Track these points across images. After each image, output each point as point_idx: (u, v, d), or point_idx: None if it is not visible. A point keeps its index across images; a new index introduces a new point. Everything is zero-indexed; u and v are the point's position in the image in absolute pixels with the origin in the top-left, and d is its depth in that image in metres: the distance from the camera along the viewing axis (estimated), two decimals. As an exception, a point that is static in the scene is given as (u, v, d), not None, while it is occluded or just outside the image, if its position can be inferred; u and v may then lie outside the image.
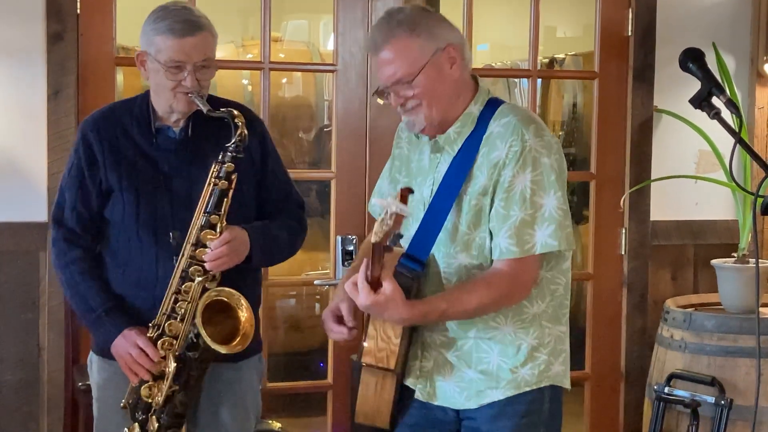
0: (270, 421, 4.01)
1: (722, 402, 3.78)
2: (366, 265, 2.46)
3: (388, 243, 2.37)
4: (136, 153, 2.90)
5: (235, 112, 2.83)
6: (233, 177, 2.82)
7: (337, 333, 2.68)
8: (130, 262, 2.89)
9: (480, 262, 2.62)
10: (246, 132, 2.82)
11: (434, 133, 2.67)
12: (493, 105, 2.67)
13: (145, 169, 2.88)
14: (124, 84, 4.93)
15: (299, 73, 6.29)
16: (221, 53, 5.81)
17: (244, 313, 2.80)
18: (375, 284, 2.45)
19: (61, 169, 3.76)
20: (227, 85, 5.71)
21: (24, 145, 3.82)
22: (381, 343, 2.58)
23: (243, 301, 2.81)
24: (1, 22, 3.76)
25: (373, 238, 2.38)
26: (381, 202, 2.36)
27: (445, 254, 2.64)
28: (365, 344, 2.58)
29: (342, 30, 4.12)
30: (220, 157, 2.82)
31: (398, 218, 2.31)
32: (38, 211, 3.80)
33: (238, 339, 2.79)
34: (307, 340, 5.52)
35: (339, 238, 4.12)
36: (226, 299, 2.80)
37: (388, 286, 2.44)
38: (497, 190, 2.58)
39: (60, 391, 3.81)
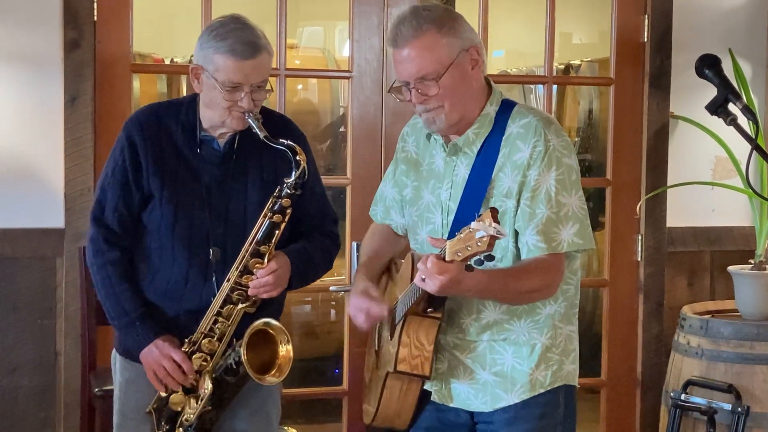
0: (285, 428, 4.03)
1: (739, 409, 3.76)
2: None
3: (470, 263, 2.33)
4: (179, 161, 2.86)
5: (298, 148, 2.80)
6: (288, 212, 2.81)
7: (377, 309, 2.66)
8: (160, 271, 2.87)
9: (503, 265, 2.62)
10: (307, 170, 2.80)
11: (451, 133, 2.67)
12: (507, 106, 2.68)
13: (186, 179, 2.86)
14: (140, 91, 4.94)
15: (315, 80, 6.30)
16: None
17: (283, 348, 2.81)
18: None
19: (79, 176, 3.80)
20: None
21: (41, 152, 3.83)
22: (415, 350, 2.58)
23: (287, 337, 2.82)
24: (18, 29, 3.78)
25: (448, 256, 2.33)
26: (476, 225, 2.28)
27: None
28: (399, 352, 2.57)
29: (357, 36, 4.13)
30: (277, 191, 2.81)
31: (492, 240, 2.27)
32: (55, 218, 3.82)
33: (274, 371, 2.81)
34: (322, 346, 5.51)
35: (354, 244, 4.11)
36: (271, 331, 2.82)
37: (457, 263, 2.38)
38: (522, 190, 2.58)
39: (76, 397, 3.82)
